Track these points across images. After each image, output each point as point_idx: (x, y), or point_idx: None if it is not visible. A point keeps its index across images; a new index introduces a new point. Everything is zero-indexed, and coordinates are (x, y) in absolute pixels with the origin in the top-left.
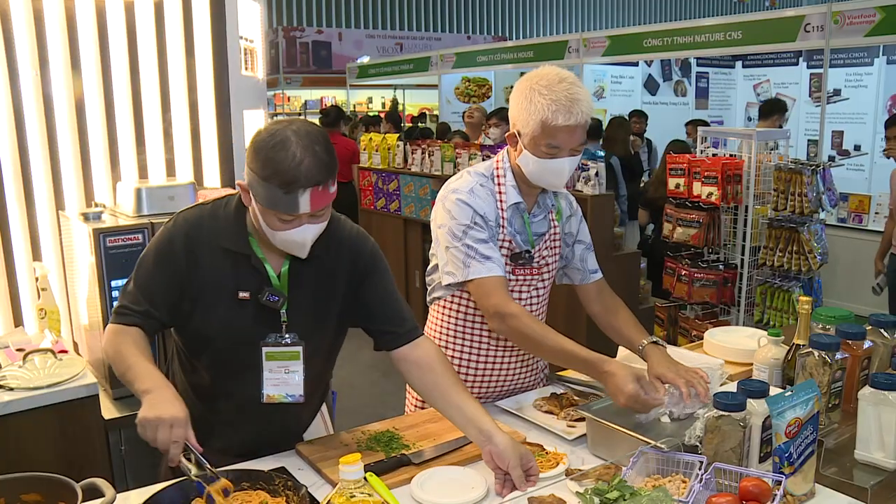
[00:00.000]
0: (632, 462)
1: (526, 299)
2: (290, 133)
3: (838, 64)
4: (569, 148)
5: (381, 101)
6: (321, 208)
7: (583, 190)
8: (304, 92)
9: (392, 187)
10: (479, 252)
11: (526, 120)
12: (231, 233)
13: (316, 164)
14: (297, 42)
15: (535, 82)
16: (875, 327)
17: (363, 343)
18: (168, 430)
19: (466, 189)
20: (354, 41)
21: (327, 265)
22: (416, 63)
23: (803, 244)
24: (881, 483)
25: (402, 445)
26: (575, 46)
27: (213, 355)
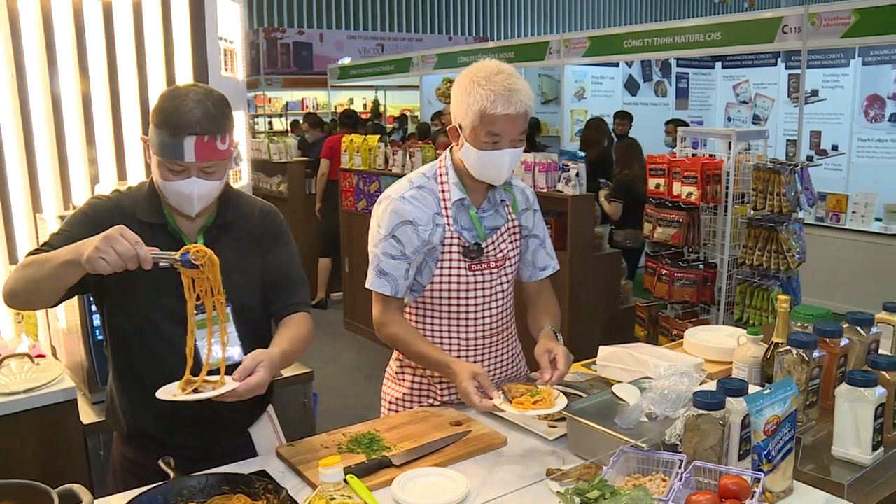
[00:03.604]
0: (612, 461)
1: (489, 295)
2: (190, 89)
3: (815, 65)
4: (509, 138)
5: (363, 103)
6: (208, 161)
7: (563, 190)
8: (284, 93)
9: (373, 188)
10: (380, 267)
11: (466, 112)
12: (146, 205)
13: (204, 115)
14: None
15: (475, 75)
16: (851, 325)
17: (345, 346)
18: (120, 239)
19: (397, 196)
20: (335, 42)
21: (241, 232)
22: (398, 64)
23: (782, 243)
24: (858, 479)
25: (383, 447)
26: (556, 47)
27: (142, 330)
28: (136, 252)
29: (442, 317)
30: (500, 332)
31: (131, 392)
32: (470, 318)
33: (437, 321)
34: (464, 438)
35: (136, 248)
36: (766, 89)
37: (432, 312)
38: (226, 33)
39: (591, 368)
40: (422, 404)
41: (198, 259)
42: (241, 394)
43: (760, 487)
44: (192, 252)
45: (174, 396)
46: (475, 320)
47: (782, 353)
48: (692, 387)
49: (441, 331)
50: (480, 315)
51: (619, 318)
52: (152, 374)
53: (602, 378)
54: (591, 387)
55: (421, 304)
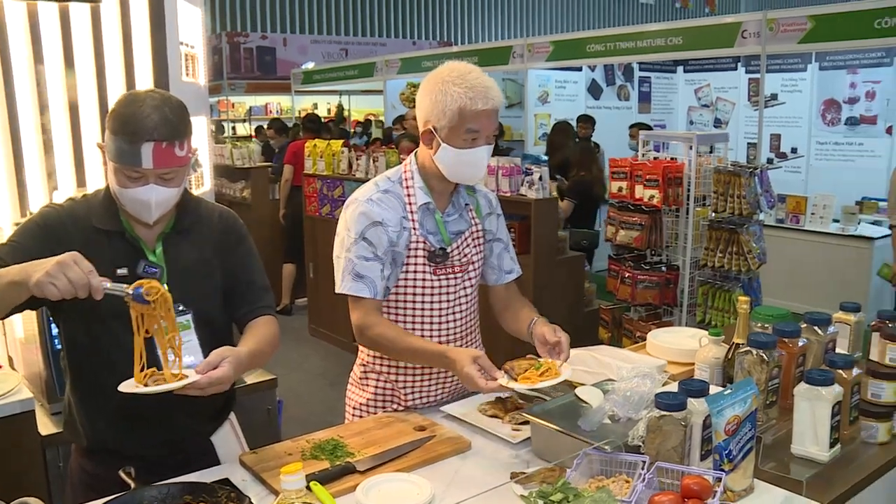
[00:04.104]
0: (575, 464)
1: (454, 299)
2: (147, 95)
3: (774, 69)
4: (486, 134)
5: (327, 107)
6: (166, 168)
7: (527, 194)
8: (248, 98)
9: (337, 194)
10: (355, 269)
11: (442, 112)
12: (102, 213)
13: (162, 121)
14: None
15: (446, 76)
16: (809, 325)
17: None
18: (74, 266)
19: (364, 198)
20: (299, 47)
21: (200, 237)
22: (361, 69)
23: (742, 245)
24: (815, 475)
25: (347, 453)
26: (519, 52)
27: (101, 340)
28: (88, 281)
29: (406, 321)
30: (465, 337)
31: (91, 404)
32: (434, 322)
33: (402, 325)
34: (428, 443)
35: (89, 277)
36: (726, 93)
37: (396, 317)
38: (187, 38)
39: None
40: (386, 409)
41: (150, 295)
42: (202, 387)
43: (722, 487)
44: (146, 287)
45: (135, 388)
46: (440, 324)
47: (742, 354)
48: (654, 388)
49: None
50: (445, 319)
51: (583, 321)
52: (112, 386)
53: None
54: (555, 389)
55: (385, 308)
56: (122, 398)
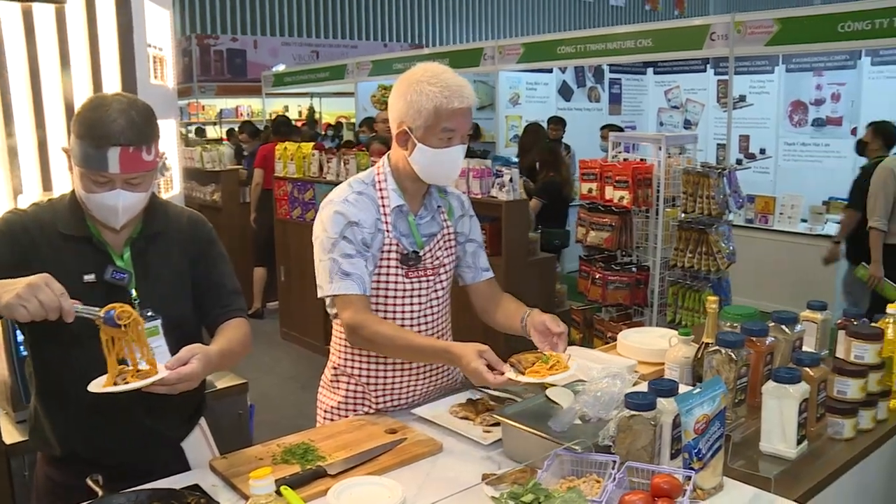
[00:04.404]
0: (546, 464)
1: (425, 302)
2: (113, 98)
3: (743, 71)
4: (461, 133)
5: (298, 110)
6: (133, 173)
7: (497, 196)
8: (218, 101)
9: (308, 196)
10: (341, 268)
11: (417, 112)
12: (67, 218)
13: (128, 125)
14: (211, 50)
15: (420, 76)
16: (777, 324)
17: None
18: (45, 288)
19: (340, 199)
20: (270, 49)
21: (169, 241)
22: (332, 71)
23: (712, 245)
24: (783, 472)
25: (318, 457)
26: (490, 54)
27: (67, 347)
28: (59, 303)
29: None
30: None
31: (58, 413)
32: (406, 325)
33: None
34: (399, 446)
35: (61, 300)
36: (696, 94)
37: None
38: (155, 40)
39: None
40: (357, 412)
41: (122, 319)
42: (171, 382)
43: (691, 485)
44: (118, 311)
45: (103, 387)
46: (411, 328)
47: (711, 353)
48: (624, 388)
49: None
50: (417, 322)
51: None
52: (80, 395)
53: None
54: (526, 391)
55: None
56: (91, 407)
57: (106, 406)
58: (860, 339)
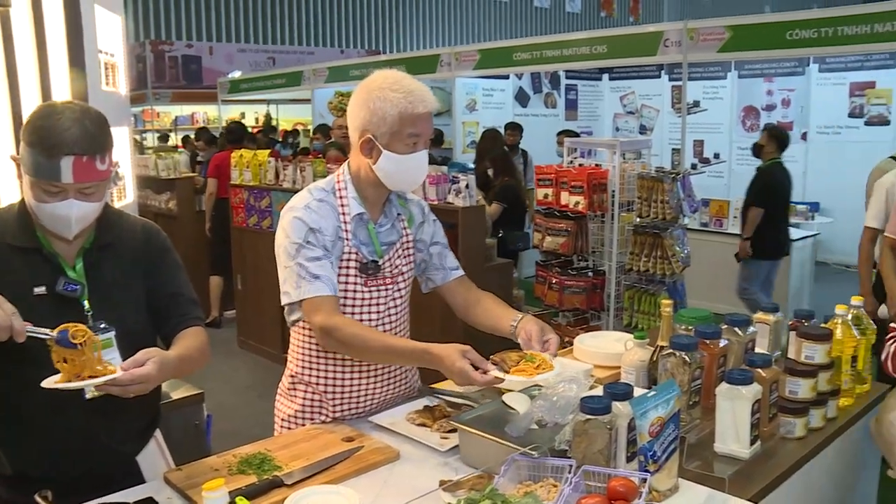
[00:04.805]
0: (503, 470)
1: (384, 311)
2: (64, 107)
3: (696, 77)
4: (425, 138)
5: (255, 117)
6: (86, 182)
7: (454, 202)
8: (174, 107)
9: (264, 204)
10: (309, 271)
11: (382, 119)
12: (16, 229)
13: (81, 134)
14: (165, 56)
15: (381, 83)
16: (730, 326)
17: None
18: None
19: (301, 206)
20: (225, 55)
21: (122, 252)
22: (289, 77)
23: (666, 249)
24: (737, 472)
25: (274, 467)
26: (447, 60)
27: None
28: (10, 324)
29: None
30: None
31: (9, 430)
32: None
33: None
34: (356, 454)
35: (12, 320)
36: (651, 100)
37: None
38: (106, 46)
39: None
40: (314, 421)
41: (76, 338)
42: (125, 383)
43: (647, 487)
44: (72, 331)
45: (55, 384)
46: None
47: (666, 356)
48: (581, 393)
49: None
50: None
51: None
52: (32, 411)
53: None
54: (483, 396)
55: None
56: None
57: (59, 423)
58: (810, 339)
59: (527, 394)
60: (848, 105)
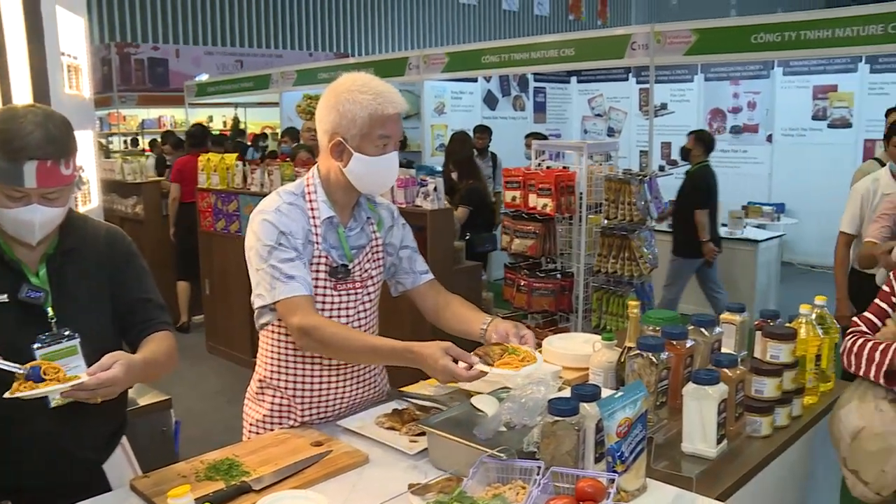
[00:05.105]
0: (472, 472)
1: (353, 315)
2: (27, 110)
3: (663, 80)
4: (395, 140)
5: (223, 120)
6: (50, 188)
7: (422, 205)
8: (140, 111)
9: (232, 208)
10: (283, 272)
11: (352, 121)
12: None
13: (45, 138)
14: (131, 58)
15: (349, 86)
16: (696, 327)
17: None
18: None
19: (272, 209)
20: (192, 58)
21: (87, 257)
22: (257, 81)
23: (634, 251)
24: (704, 471)
25: (243, 472)
26: (415, 63)
27: None
28: None
29: None
30: None
31: None
32: None
33: None
34: (325, 458)
35: None
36: (619, 103)
37: None
38: (68, 48)
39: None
40: (282, 425)
41: (48, 374)
42: (90, 387)
43: (615, 488)
44: (44, 367)
45: (12, 393)
46: None
47: (633, 357)
48: (549, 395)
49: (305, 351)
50: None
51: None
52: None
53: (463, 390)
54: (452, 399)
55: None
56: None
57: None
58: (775, 339)
59: (495, 396)
60: (811, 108)
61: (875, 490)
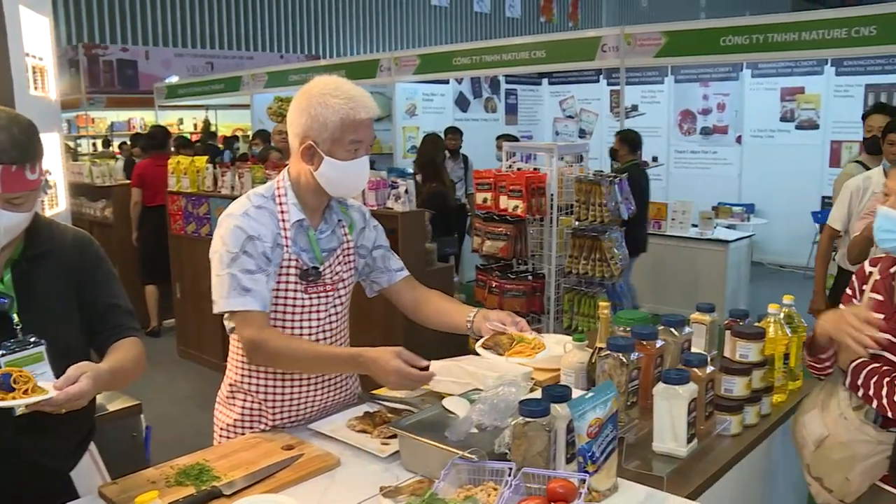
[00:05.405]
0: (443, 474)
1: (324, 318)
2: None
3: (634, 81)
4: (366, 144)
5: (193, 123)
6: (16, 193)
7: (393, 207)
8: (109, 113)
9: (202, 211)
10: (241, 283)
11: (323, 125)
12: None
13: (9, 142)
14: (100, 60)
15: (322, 89)
16: (666, 327)
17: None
18: None
19: (240, 213)
20: (162, 60)
21: (53, 262)
22: (227, 83)
23: (605, 251)
24: (675, 470)
25: (213, 477)
26: (387, 65)
27: None
28: None
29: None
30: None
31: None
32: None
33: None
34: (296, 462)
35: None
36: (590, 104)
37: None
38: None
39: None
40: (253, 429)
41: (18, 384)
42: (59, 403)
43: (586, 488)
44: (15, 375)
45: None
46: None
47: (603, 358)
48: (520, 396)
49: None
50: (315, 338)
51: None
52: None
53: (435, 392)
54: (424, 402)
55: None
56: None
57: None
58: (744, 338)
59: (466, 398)
60: (779, 109)
61: (839, 497)
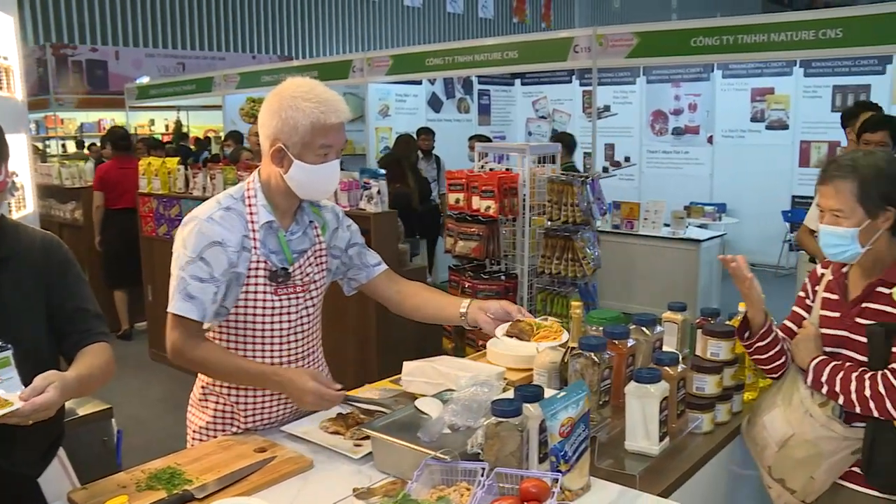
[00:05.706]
0: (416, 475)
1: (295, 320)
2: None
3: (606, 82)
4: (337, 148)
5: (165, 124)
6: None
7: (366, 208)
8: (79, 114)
9: (174, 213)
10: (187, 290)
11: (293, 128)
12: None
13: None
14: (69, 60)
15: (293, 92)
16: (638, 326)
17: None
18: None
19: (205, 216)
20: (133, 60)
21: (20, 266)
22: (199, 83)
23: (577, 251)
24: (647, 468)
25: (185, 481)
26: (359, 66)
27: None
28: None
29: (247, 342)
30: (307, 356)
31: None
32: (276, 342)
33: (242, 346)
34: (269, 465)
35: None
36: (562, 105)
37: (237, 337)
38: None
39: (398, 384)
40: (226, 432)
41: None
42: (25, 414)
43: (559, 487)
44: None
45: None
46: (281, 345)
47: (575, 357)
48: (492, 396)
49: (246, 356)
50: (286, 339)
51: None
52: None
53: (408, 393)
54: (397, 402)
55: (225, 328)
56: None
57: None
58: (715, 337)
59: (439, 398)
60: (750, 110)
61: (801, 498)
